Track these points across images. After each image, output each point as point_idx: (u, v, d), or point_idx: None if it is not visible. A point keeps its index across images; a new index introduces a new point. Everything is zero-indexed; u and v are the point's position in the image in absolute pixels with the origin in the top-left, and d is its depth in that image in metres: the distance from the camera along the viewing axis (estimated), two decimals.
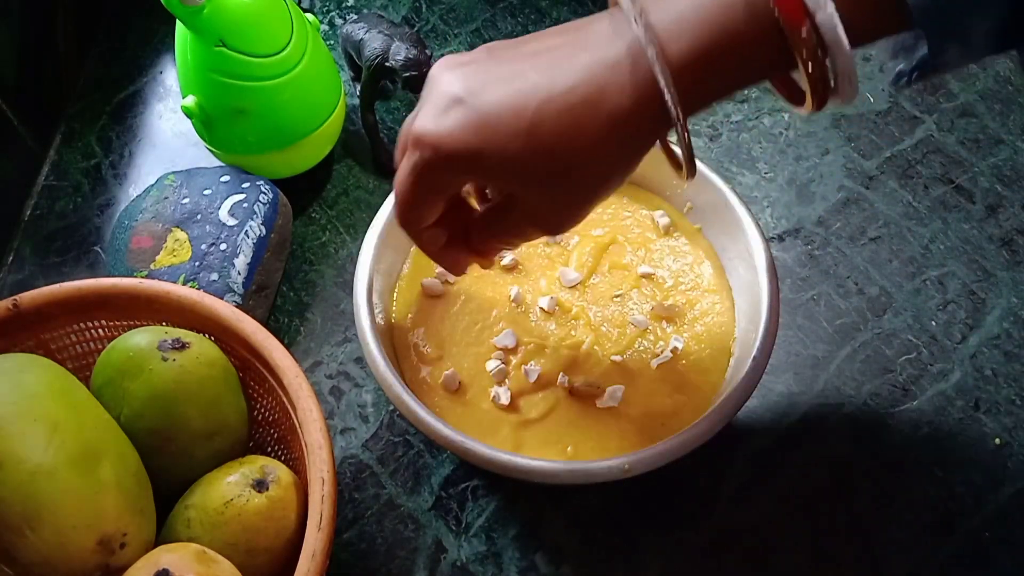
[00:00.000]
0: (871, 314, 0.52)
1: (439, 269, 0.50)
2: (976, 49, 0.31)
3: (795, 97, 0.34)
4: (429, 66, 0.55)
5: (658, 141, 0.36)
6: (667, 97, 0.30)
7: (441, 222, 0.37)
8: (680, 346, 0.46)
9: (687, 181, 0.36)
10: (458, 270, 0.40)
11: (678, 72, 0.30)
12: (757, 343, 0.43)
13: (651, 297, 0.49)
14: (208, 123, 0.53)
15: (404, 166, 0.34)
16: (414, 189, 0.34)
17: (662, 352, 0.46)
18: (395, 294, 0.50)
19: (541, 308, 0.48)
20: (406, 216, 0.36)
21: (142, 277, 0.49)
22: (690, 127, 0.60)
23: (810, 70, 0.30)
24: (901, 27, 0.30)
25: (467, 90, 0.32)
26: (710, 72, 0.30)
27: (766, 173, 0.58)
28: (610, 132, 0.31)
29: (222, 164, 0.56)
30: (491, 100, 0.32)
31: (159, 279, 0.48)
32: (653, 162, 0.51)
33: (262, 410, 0.44)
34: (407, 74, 0.55)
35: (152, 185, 0.55)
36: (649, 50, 0.30)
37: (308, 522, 0.36)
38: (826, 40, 0.29)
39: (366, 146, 0.60)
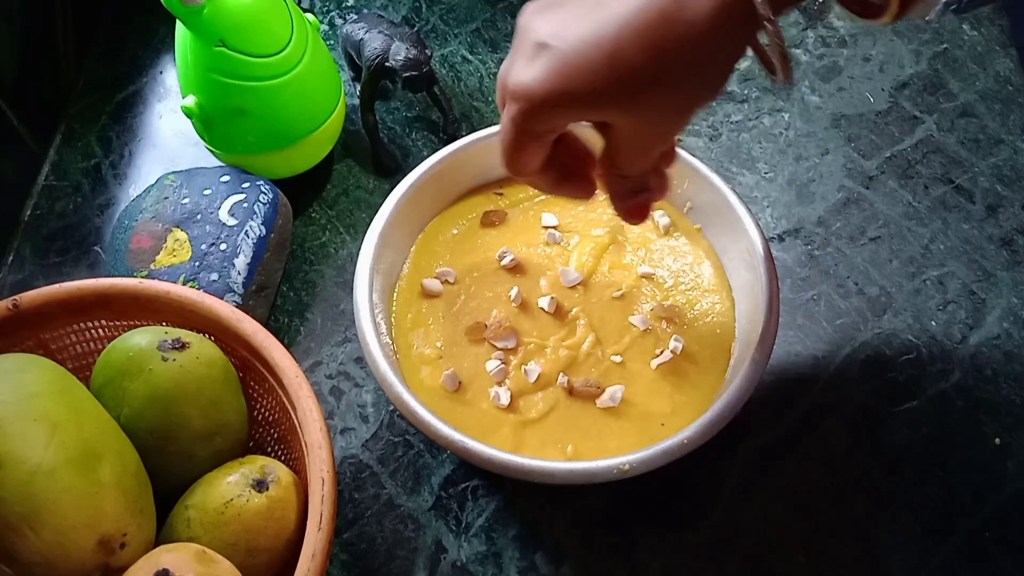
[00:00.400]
0: (871, 314, 0.52)
1: (440, 269, 0.50)
2: None
3: (868, 11, 0.34)
4: (429, 66, 0.55)
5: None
6: None
7: (551, 163, 0.38)
8: (680, 346, 0.46)
9: (785, 84, 0.36)
10: (585, 194, 0.40)
11: None
12: (757, 343, 0.43)
13: (651, 297, 0.49)
14: (208, 123, 0.53)
15: (504, 119, 0.35)
16: (517, 139, 0.35)
17: (662, 352, 0.46)
18: (395, 294, 0.50)
19: (541, 308, 0.48)
20: (514, 165, 0.37)
21: (142, 277, 0.49)
22: (690, 125, 0.60)
23: None
24: None
25: (550, 33, 0.32)
26: None
27: (766, 173, 0.58)
28: (692, 44, 0.30)
29: (222, 164, 0.56)
30: (572, 38, 0.32)
31: (159, 279, 0.48)
32: None
33: (262, 410, 0.44)
34: (407, 74, 0.55)
35: (152, 185, 0.55)
36: None
37: (308, 522, 0.36)
38: None
39: (366, 146, 0.60)
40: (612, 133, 0.35)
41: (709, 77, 0.32)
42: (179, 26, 0.51)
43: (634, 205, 0.40)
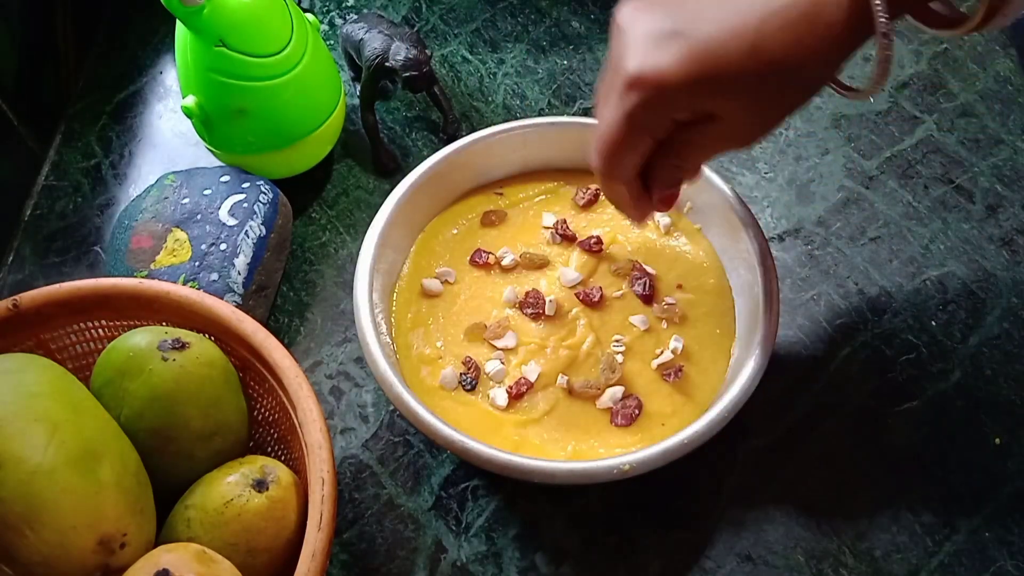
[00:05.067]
0: (871, 314, 0.52)
1: (440, 269, 0.50)
2: None
3: (941, 20, 0.37)
4: (429, 66, 0.55)
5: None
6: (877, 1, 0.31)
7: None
8: (680, 346, 0.47)
9: (871, 96, 0.37)
10: (643, 216, 0.41)
11: None
12: (757, 343, 0.43)
13: (651, 297, 0.49)
14: (208, 123, 0.53)
15: (614, 114, 0.34)
16: (628, 134, 0.34)
17: (662, 352, 0.46)
18: (395, 294, 0.50)
19: (541, 308, 0.48)
20: (613, 167, 0.36)
21: (142, 277, 0.49)
22: None
23: None
24: None
25: (679, 22, 0.33)
26: None
27: (766, 173, 0.58)
28: (828, 43, 0.32)
29: (222, 164, 0.56)
30: (709, 27, 0.32)
31: (159, 279, 0.48)
32: None
33: (262, 410, 0.44)
34: (407, 74, 0.55)
35: (152, 185, 0.55)
36: None
37: (308, 522, 0.36)
38: None
39: (366, 146, 0.60)
40: (708, 124, 0.35)
41: (828, 72, 0.34)
42: (179, 26, 0.51)
43: (670, 193, 0.40)
